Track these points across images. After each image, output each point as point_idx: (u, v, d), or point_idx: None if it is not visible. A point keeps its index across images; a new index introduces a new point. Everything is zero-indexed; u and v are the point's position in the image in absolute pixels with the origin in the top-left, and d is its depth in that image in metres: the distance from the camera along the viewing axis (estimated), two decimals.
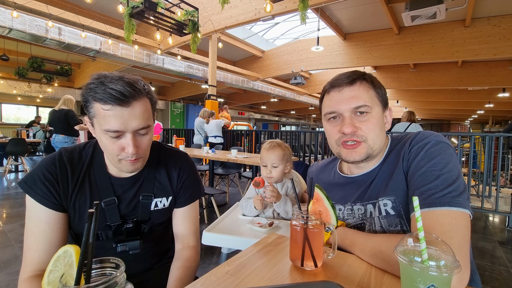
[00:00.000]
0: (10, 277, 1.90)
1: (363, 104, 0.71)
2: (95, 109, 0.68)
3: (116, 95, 0.65)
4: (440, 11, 4.71)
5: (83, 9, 6.52)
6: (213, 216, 3.14)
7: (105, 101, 0.65)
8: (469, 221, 0.58)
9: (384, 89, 0.77)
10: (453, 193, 0.59)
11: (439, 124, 22.97)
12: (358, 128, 0.72)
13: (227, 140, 6.14)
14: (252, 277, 0.57)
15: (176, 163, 0.90)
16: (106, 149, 0.72)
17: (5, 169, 5.90)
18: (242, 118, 19.18)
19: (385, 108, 0.77)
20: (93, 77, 0.69)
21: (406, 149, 0.71)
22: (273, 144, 1.30)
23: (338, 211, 0.81)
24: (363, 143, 0.72)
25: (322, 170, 0.94)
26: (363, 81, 0.74)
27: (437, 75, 9.01)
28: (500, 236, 2.99)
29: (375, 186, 0.75)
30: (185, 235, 0.88)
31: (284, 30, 10.01)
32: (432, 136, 0.69)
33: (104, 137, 0.69)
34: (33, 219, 0.72)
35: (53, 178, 0.73)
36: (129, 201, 0.81)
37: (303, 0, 3.85)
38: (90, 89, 0.67)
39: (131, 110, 0.68)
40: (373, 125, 0.72)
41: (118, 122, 0.67)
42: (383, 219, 0.71)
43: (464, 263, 0.52)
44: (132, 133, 0.70)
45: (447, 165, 0.63)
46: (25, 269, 0.70)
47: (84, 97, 0.69)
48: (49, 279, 0.41)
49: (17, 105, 11.27)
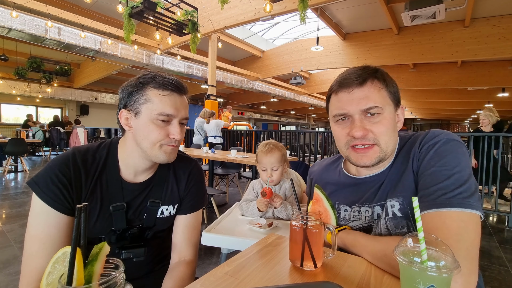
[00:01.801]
0: (10, 278, 1.89)
1: (374, 105, 0.67)
2: (148, 95, 0.73)
3: (175, 83, 0.75)
4: (439, 11, 4.72)
5: (82, 9, 6.52)
6: (213, 216, 3.14)
7: (164, 87, 0.74)
8: (479, 223, 0.56)
9: (397, 86, 0.72)
10: (464, 193, 0.57)
11: (439, 124, 23.00)
12: (369, 131, 0.67)
13: (226, 140, 6.14)
14: (252, 277, 0.57)
15: (186, 169, 0.89)
16: (149, 136, 0.74)
17: (5, 169, 5.89)
18: (242, 118, 19.18)
19: (397, 106, 0.72)
20: (142, 73, 0.77)
21: (416, 148, 0.68)
22: (270, 146, 1.27)
23: (344, 212, 0.78)
24: (375, 147, 0.68)
25: (326, 170, 0.90)
26: (374, 79, 0.69)
27: (436, 75, 9.03)
28: (499, 236, 2.99)
29: (384, 187, 0.72)
30: (182, 246, 0.85)
31: (284, 30, 10.02)
32: (442, 134, 0.66)
33: (151, 123, 0.73)
34: (41, 223, 0.67)
35: (67, 181, 0.70)
36: (137, 207, 0.81)
37: (303, 0, 3.85)
38: (146, 79, 0.74)
39: (182, 99, 0.77)
40: (386, 127, 0.68)
41: (172, 107, 0.74)
42: (389, 220, 0.68)
43: (471, 267, 0.51)
44: (178, 121, 0.76)
45: (459, 165, 0.60)
46: (28, 279, 0.66)
47: (133, 87, 0.74)
48: (47, 281, 0.40)
49: (17, 105, 11.25)
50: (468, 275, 0.50)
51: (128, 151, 0.79)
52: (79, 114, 12.23)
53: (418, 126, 22.93)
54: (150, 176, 0.84)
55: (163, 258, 0.92)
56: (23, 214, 3.25)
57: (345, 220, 0.78)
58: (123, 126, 0.76)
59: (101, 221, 0.76)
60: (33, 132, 8.33)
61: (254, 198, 1.28)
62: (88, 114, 12.53)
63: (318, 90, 13.06)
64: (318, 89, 12.92)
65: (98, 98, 12.24)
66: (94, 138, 10.42)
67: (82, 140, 9.07)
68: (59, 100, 11.79)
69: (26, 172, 6.13)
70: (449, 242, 0.51)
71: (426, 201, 0.60)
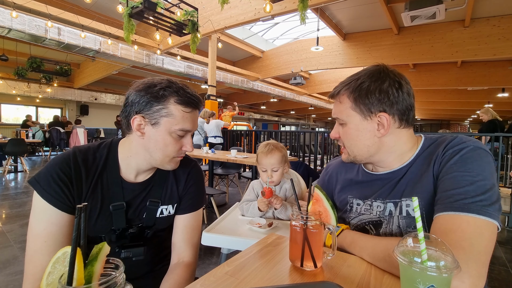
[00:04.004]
0: (10, 278, 1.89)
1: (336, 117, 0.78)
2: (171, 110, 0.73)
3: (196, 100, 0.77)
4: (439, 11, 4.72)
5: (82, 9, 6.52)
6: (213, 217, 3.14)
7: (188, 104, 0.75)
8: (495, 233, 0.55)
9: (377, 97, 0.70)
10: (485, 202, 0.56)
11: (439, 124, 22.99)
12: (340, 136, 0.79)
13: (226, 140, 6.14)
14: (252, 277, 0.57)
15: (185, 169, 0.89)
16: (165, 149, 0.76)
17: (5, 170, 5.89)
18: (242, 118, 19.18)
19: (369, 117, 0.71)
20: (165, 83, 0.74)
21: (440, 151, 0.68)
22: (270, 147, 1.26)
23: (356, 206, 0.80)
24: (344, 149, 0.80)
25: (345, 166, 0.91)
26: (345, 92, 0.75)
27: (436, 75, 9.03)
28: (499, 236, 2.99)
29: (400, 185, 0.73)
30: (181, 246, 0.85)
31: (284, 30, 10.02)
32: (470, 141, 0.66)
33: (169, 136, 0.75)
34: (42, 221, 0.68)
35: (68, 179, 0.71)
36: (136, 206, 0.81)
37: (303, 0, 3.85)
38: (169, 92, 0.73)
39: (196, 114, 0.80)
40: (348, 135, 0.76)
41: (192, 124, 0.77)
42: (402, 219, 0.70)
43: (481, 271, 0.50)
44: (191, 133, 0.80)
45: (482, 173, 0.60)
46: (32, 276, 0.67)
47: (154, 97, 0.73)
48: (47, 281, 0.40)
49: (17, 105, 11.26)
50: (476, 277, 0.50)
51: (132, 152, 0.79)
52: (79, 114, 12.23)
53: (418, 126, 22.92)
54: (150, 176, 0.84)
55: (163, 258, 0.92)
56: (23, 214, 3.25)
57: (356, 213, 0.80)
58: (135, 130, 0.74)
59: (101, 220, 0.76)
60: (33, 132, 8.33)
61: (254, 198, 1.28)
62: (88, 114, 12.53)
63: (318, 90, 13.05)
64: (318, 89, 12.92)
65: (98, 98, 12.23)
66: (94, 138, 10.42)
67: (82, 140, 9.07)
68: (59, 100, 11.79)
69: (26, 172, 6.12)
70: (462, 244, 0.51)
71: (444, 203, 0.59)
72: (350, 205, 0.82)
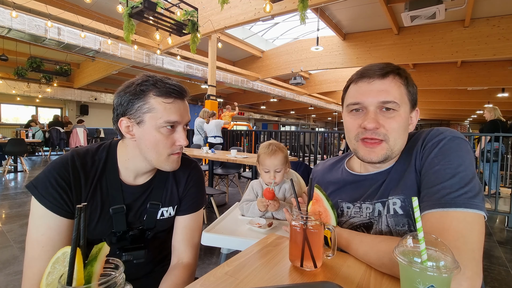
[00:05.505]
0: (9, 278, 1.89)
1: (392, 100, 0.66)
2: (151, 104, 0.71)
3: (177, 89, 0.73)
4: (439, 11, 4.72)
5: (82, 9, 6.52)
6: (213, 216, 3.14)
7: (168, 94, 0.72)
8: (483, 224, 0.56)
9: (416, 88, 0.72)
10: (469, 193, 0.56)
11: (439, 124, 22.98)
12: (381, 125, 0.67)
13: (226, 140, 6.14)
14: (252, 277, 0.57)
15: (185, 170, 0.89)
16: (157, 145, 0.73)
17: (4, 170, 5.89)
18: (242, 118, 19.18)
19: (413, 108, 0.72)
20: (141, 78, 0.73)
21: (419, 146, 0.68)
22: (273, 147, 1.25)
23: (347, 209, 0.78)
24: (383, 143, 0.68)
25: (328, 170, 0.90)
26: (396, 75, 0.69)
27: (436, 75, 9.03)
28: (499, 236, 2.99)
29: (386, 185, 0.72)
30: (181, 247, 0.84)
31: (284, 30, 10.01)
32: (447, 131, 0.66)
33: (157, 132, 0.72)
34: (41, 226, 0.67)
35: (66, 184, 0.70)
36: (137, 209, 0.81)
37: (303, 0, 3.85)
38: (147, 86, 0.71)
39: (185, 104, 0.76)
40: (398, 124, 0.67)
41: (177, 114, 0.73)
42: (390, 218, 0.69)
43: (477, 270, 0.51)
44: (183, 126, 0.76)
45: (463, 163, 0.60)
46: (30, 282, 0.66)
47: (133, 95, 0.71)
48: (47, 281, 0.40)
49: (16, 105, 11.25)
50: (473, 278, 0.50)
51: (129, 156, 0.78)
52: (79, 114, 12.22)
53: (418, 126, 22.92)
54: (150, 178, 0.83)
55: (164, 258, 0.92)
56: (22, 214, 3.25)
57: (347, 217, 0.78)
58: (124, 134, 0.74)
59: (101, 223, 0.76)
60: (33, 132, 8.33)
61: (254, 198, 1.28)
62: (88, 114, 12.52)
63: (318, 90, 13.05)
64: (318, 89, 12.92)
65: (98, 98, 12.23)
66: (94, 138, 10.41)
67: (82, 140, 9.06)
68: (59, 100, 11.78)
69: (26, 172, 6.12)
70: (456, 244, 0.51)
71: (430, 200, 0.59)
72: (341, 209, 0.80)
